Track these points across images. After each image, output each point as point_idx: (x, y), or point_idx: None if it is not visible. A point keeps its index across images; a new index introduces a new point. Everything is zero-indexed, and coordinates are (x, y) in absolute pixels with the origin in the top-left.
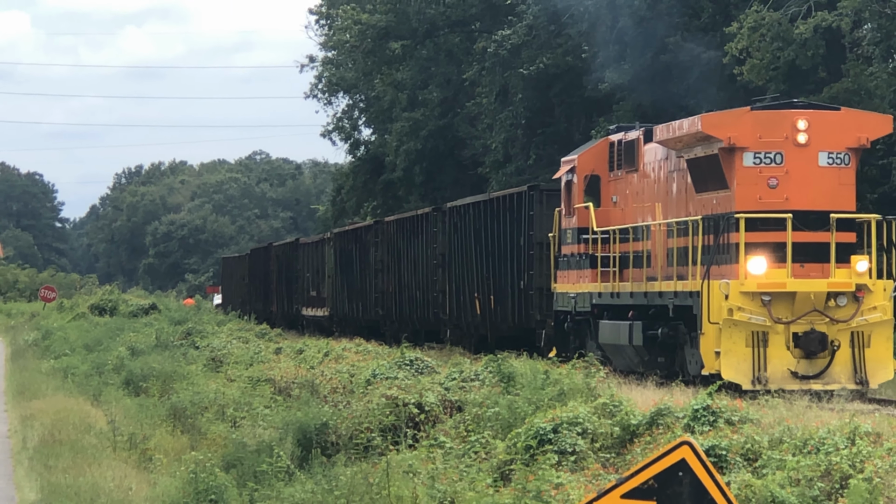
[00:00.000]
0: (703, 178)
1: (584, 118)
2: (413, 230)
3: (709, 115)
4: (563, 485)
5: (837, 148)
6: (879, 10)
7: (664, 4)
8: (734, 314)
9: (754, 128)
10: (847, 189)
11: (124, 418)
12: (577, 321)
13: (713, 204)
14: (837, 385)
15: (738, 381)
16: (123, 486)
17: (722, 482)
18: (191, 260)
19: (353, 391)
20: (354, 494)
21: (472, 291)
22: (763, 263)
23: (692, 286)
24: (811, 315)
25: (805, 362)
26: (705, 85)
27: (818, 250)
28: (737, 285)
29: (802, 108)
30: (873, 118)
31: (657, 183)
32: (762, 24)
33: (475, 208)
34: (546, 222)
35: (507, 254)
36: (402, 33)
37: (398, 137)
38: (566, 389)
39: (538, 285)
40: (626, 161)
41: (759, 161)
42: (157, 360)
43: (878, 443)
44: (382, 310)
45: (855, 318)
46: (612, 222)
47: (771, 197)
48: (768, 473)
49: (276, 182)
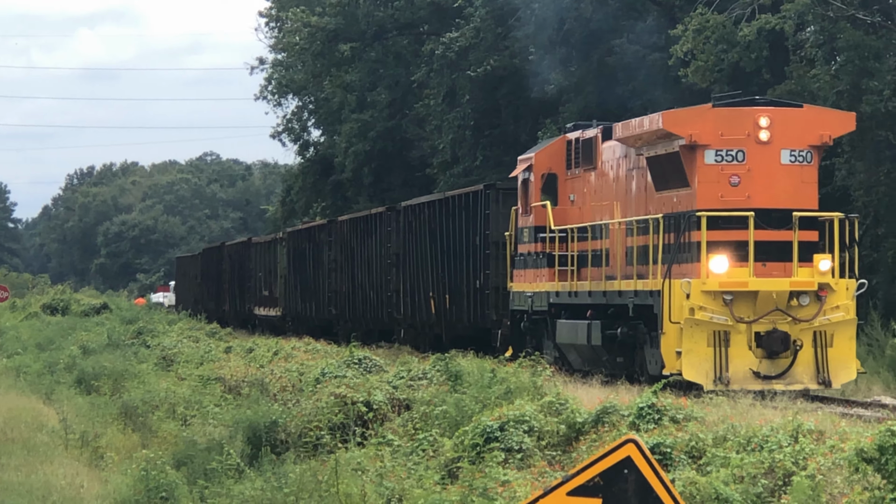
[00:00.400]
0: (664, 176)
1: (530, 120)
2: (367, 229)
3: (670, 112)
4: (509, 482)
5: (800, 145)
6: (822, 13)
7: (610, 7)
8: (696, 313)
9: (716, 125)
10: (809, 187)
11: (76, 417)
12: (533, 320)
13: (674, 202)
14: (800, 385)
15: (699, 381)
16: (75, 484)
17: (667, 479)
18: (142, 260)
19: (302, 390)
20: (303, 492)
21: (426, 291)
22: (725, 262)
23: (653, 285)
24: (773, 314)
25: (767, 362)
26: (650, 86)
27: (780, 249)
28: (698, 284)
29: (764, 104)
30: (836, 115)
31: (616, 181)
32: (707, 27)
33: (430, 207)
34: (502, 221)
35: (462, 253)
36: (350, 36)
37: (347, 139)
38: (513, 388)
39: (494, 284)
40: (583, 159)
41: (721, 159)
42: (108, 359)
43: (820, 440)
44: (336, 309)
45: (818, 317)
46: (570, 221)
47: (733, 195)
48: (713, 471)
49: (226, 183)
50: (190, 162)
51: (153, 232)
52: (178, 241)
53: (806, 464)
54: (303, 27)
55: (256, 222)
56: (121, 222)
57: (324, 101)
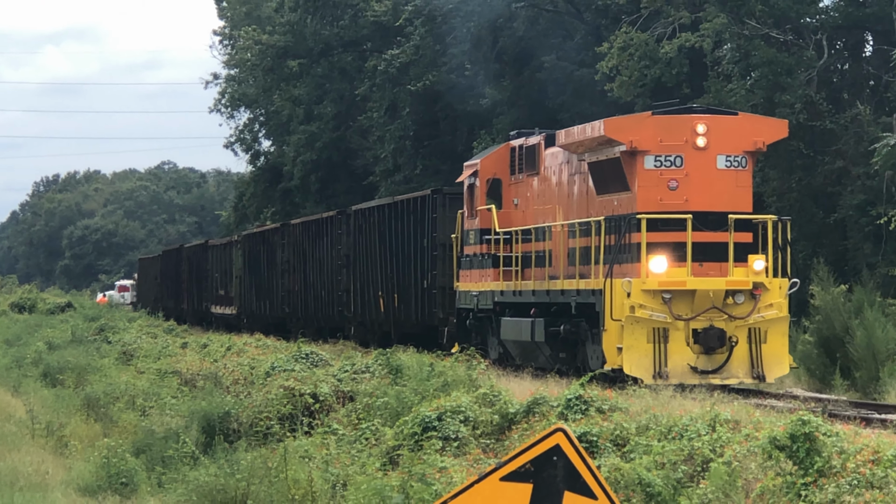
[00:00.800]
0: (605, 181)
1: (466, 131)
2: (318, 232)
3: (612, 119)
4: (446, 468)
5: (735, 151)
6: (738, 31)
7: (541, 26)
8: (636, 311)
9: (655, 132)
10: (744, 191)
11: (42, 408)
12: (478, 318)
13: (614, 205)
14: (735, 379)
15: (639, 375)
16: (41, 471)
17: (593, 466)
18: (104, 261)
19: (253, 382)
20: (254, 478)
21: (376, 290)
22: (664, 262)
23: (595, 284)
24: (710, 312)
25: (704, 358)
26: (578, 100)
27: (716, 250)
28: (639, 283)
29: (701, 112)
30: (770, 123)
31: (558, 186)
32: (631, 45)
33: (380, 211)
34: (449, 224)
35: (411, 254)
36: (299, 52)
37: (295, 149)
38: (450, 380)
39: (441, 284)
40: (527, 165)
41: (660, 164)
42: (72, 353)
43: (736, 429)
44: (289, 308)
45: (752, 314)
46: (514, 224)
47: (671, 198)
48: (636, 458)
49: (182, 190)
50: (149, 170)
51: (114, 235)
52: (138, 243)
53: (723, 451)
54: (254, 44)
55: (211, 226)
56: (84, 226)
57: (273, 113)
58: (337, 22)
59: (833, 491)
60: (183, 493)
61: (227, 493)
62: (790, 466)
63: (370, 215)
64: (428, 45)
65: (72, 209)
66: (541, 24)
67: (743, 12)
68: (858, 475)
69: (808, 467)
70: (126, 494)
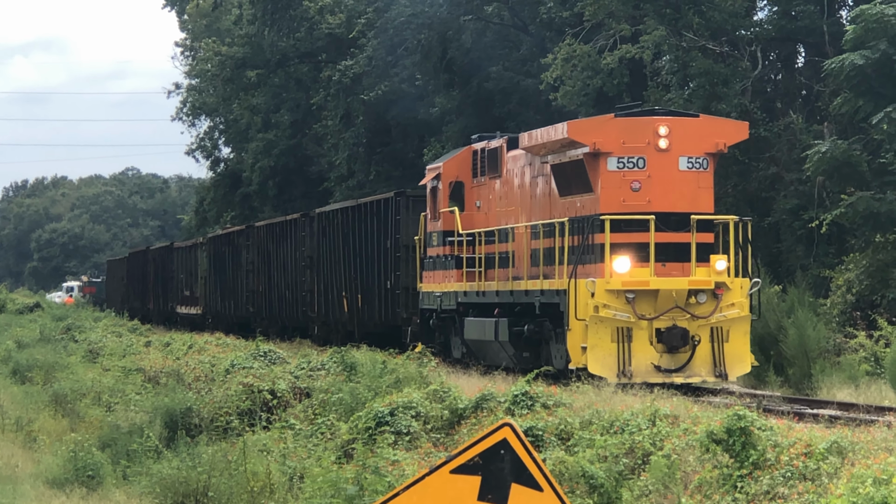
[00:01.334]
0: (568, 183)
1: (417, 138)
2: (282, 234)
3: (575, 121)
4: (398, 461)
5: (696, 153)
6: (676, 43)
7: (488, 38)
8: (600, 311)
9: (618, 134)
10: (706, 192)
11: (11, 404)
12: (442, 318)
13: (577, 207)
14: (698, 378)
15: (604, 374)
16: (11, 464)
17: (539, 459)
18: (71, 263)
19: (213, 379)
20: (215, 470)
21: (340, 291)
22: (627, 263)
23: (559, 284)
24: (673, 312)
25: (668, 356)
26: (524, 109)
27: (679, 250)
28: (602, 283)
29: (663, 114)
30: (730, 125)
31: (520, 188)
32: (574, 56)
33: (343, 213)
34: (412, 226)
35: (374, 256)
36: (257, 63)
37: (254, 155)
38: (402, 377)
39: (404, 285)
40: (489, 168)
41: (623, 165)
42: (40, 352)
43: (675, 424)
44: (253, 307)
45: (714, 314)
46: (476, 225)
47: (634, 200)
48: (580, 451)
49: (146, 195)
50: (114, 176)
51: (81, 238)
52: (103, 246)
53: (662, 445)
54: (214, 56)
55: (173, 230)
56: (52, 230)
57: (233, 121)
58: (293, 34)
59: (768, 483)
60: (147, 485)
61: (188, 485)
62: (727, 459)
63: (334, 217)
64: (380, 57)
65: (40, 213)
66: (488, 37)
67: (681, 25)
68: (792, 468)
69: (744, 460)
70: (92, 487)
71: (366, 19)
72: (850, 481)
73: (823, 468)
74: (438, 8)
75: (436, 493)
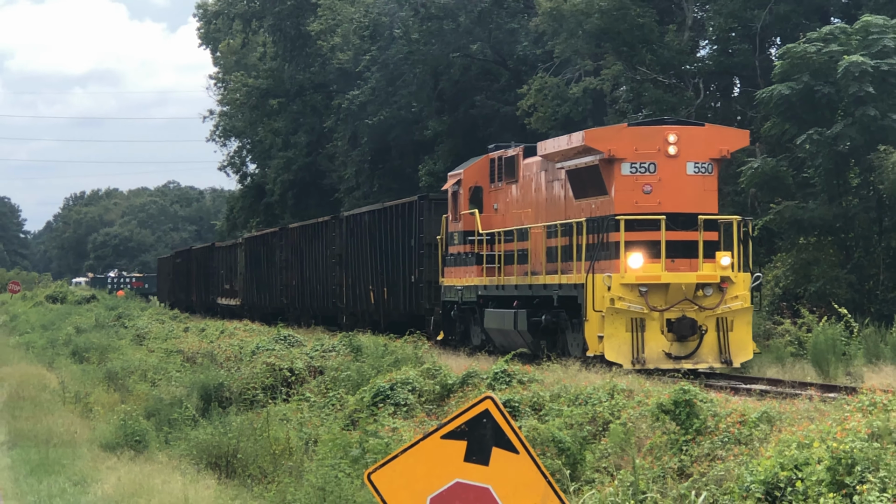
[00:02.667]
0: (583, 186)
1: (413, 157)
2: (314, 234)
3: (591, 130)
4: (397, 428)
5: (702, 158)
6: (631, 76)
7: (472, 72)
8: (615, 303)
9: (631, 141)
10: (711, 194)
11: (71, 380)
12: (462, 310)
13: (592, 208)
14: (705, 364)
15: (619, 361)
16: (70, 431)
17: (515, 426)
18: (121, 262)
19: (241, 359)
20: (243, 436)
21: (367, 285)
22: (640, 259)
23: (577, 279)
24: (682, 304)
25: (677, 345)
26: (503, 132)
27: (687, 247)
28: (618, 278)
29: (672, 123)
30: (733, 133)
31: (536, 191)
32: (545, 87)
33: (371, 216)
34: (434, 226)
35: (399, 253)
36: (278, 93)
37: (275, 171)
38: (400, 358)
39: (427, 279)
40: (506, 174)
41: (636, 170)
42: (96, 336)
43: (630, 397)
44: (286, 299)
45: (720, 305)
46: (494, 226)
47: (646, 201)
48: (550, 420)
49: (184, 204)
50: (157, 188)
51: (129, 241)
52: (148, 247)
53: (619, 414)
54: (242, 87)
55: (207, 234)
56: (105, 234)
57: (258, 142)
58: (309, 68)
59: (708, 446)
60: (185, 448)
61: (220, 448)
62: (674, 427)
63: (361, 219)
64: (382, 88)
65: (95, 220)
66: (472, 71)
67: (635, 61)
68: (728, 434)
69: (689, 427)
70: (139, 450)
71: (370, 56)
72: (777, 445)
73: (755, 434)
74: (431, 47)
75: (429, 455)
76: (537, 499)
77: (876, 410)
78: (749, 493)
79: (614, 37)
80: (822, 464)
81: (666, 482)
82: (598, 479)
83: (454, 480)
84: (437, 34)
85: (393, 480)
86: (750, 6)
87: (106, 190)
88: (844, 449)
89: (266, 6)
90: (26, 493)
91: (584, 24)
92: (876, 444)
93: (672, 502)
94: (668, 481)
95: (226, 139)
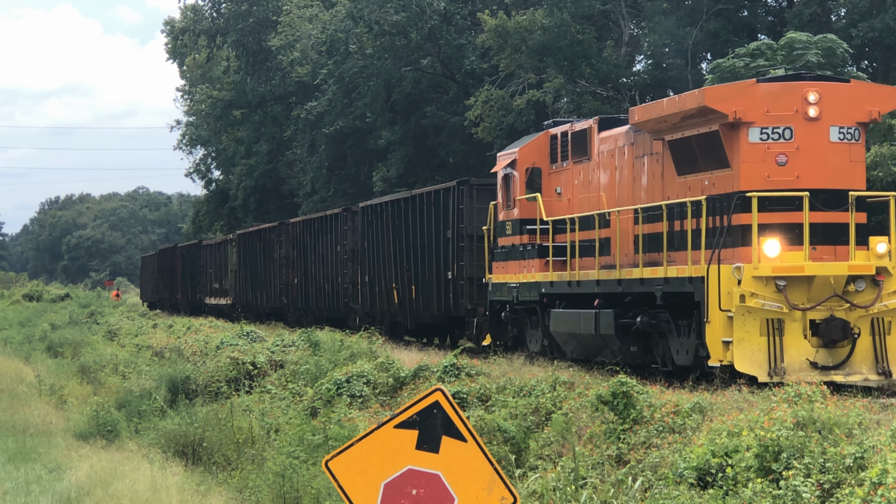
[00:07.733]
0: (692, 159)
1: (367, 164)
2: (321, 229)
3: (712, 87)
4: (353, 418)
5: (848, 122)
6: (572, 89)
7: (423, 84)
8: (747, 300)
9: (762, 101)
10: (858, 166)
11: (47, 374)
12: (516, 310)
13: (705, 185)
14: (859, 376)
15: (753, 372)
16: (46, 421)
17: (464, 416)
18: (93, 262)
19: (207, 354)
20: (208, 426)
21: (389, 283)
22: (777, 246)
23: (693, 271)
24: (830, 301)
25: (825, 352)
26: (452, 140)
27: (830, 231)
28: (750, 269)
29: (811, 79)
30: (884, 90)
31: (619, 170)
32: (491, 98)
33: (394, 206)
34: (476, 215)
35: (431, 246)
36: (241, 104)
37: (238, 177)
38: (356, 352)
39: (468, 275)
40: (573, 151)
41: (767, 137)
42: (70, 332)
43: (571, 389)
44: (286, 298)
45: (876, 303)
46: (557, 213)
47: (780, 175)
48: (496, 410)
49: (153, 208)
50: (128, 193)
51: (101, 243)
52: (119, 249)
53: (561, 405)
54: (207, 98)
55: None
56: (78, 236)
57: (222, 150)
58: (269, 81)
59: (644, 435)
60: (154, 437)
61: (187, 437)
62: (612, 417)
63: (382, 210)
64: (338, 99)
65: (69, 223)
66: (423, 83)
67: (576, 74)
68: (663, 423)
69: (626, 417)
70: (111, 439)
71: (327, 70)
72: (709, 433)
73: (688, 423)
74: (384, 61)
75: (383, 444)
76: (484, 484)
77: (801, 401)
78: (682, 478)
79: (556, 52)
80: (750, 451)
81: (605, 468)
82: (541, 466)
83: (406, 467)
84: (389, 49)
85: (349, 467)
86: (682, 24)
87: (79, 195)
88: (771, 437)
89: (230, 23)
90: (4, 480)
91: (527, 40)
92: (801, 432)
93: (610, 487)
94: (607, 468)
95: (192, 147)
